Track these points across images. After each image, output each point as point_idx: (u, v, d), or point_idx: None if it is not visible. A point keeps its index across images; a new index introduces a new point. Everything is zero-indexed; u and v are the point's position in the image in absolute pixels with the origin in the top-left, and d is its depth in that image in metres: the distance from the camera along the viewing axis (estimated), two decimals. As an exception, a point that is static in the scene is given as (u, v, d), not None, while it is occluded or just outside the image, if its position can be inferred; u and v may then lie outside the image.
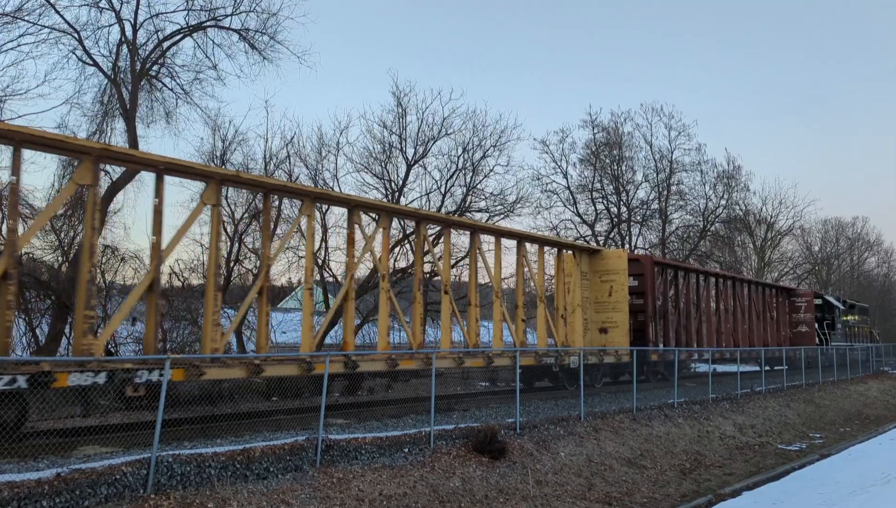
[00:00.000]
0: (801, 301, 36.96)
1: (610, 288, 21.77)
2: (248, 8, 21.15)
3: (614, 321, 21.65)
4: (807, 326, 36.27)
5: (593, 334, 21.77)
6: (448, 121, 27.97)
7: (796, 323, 36.61)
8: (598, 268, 22.03)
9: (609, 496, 11.66)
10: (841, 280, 68.42)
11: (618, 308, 21.70)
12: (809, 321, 36.27)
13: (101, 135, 20.30)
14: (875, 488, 12.53)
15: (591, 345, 21.03)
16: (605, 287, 21.85)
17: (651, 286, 23.67)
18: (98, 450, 9.23)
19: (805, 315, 36.55)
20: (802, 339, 35.83)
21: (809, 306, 36.50)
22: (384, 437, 10.88)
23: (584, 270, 21.71)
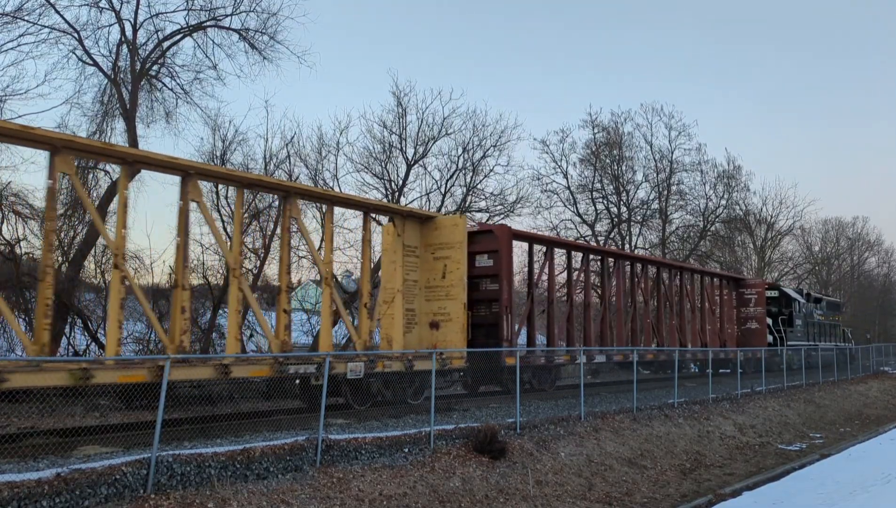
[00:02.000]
0: (751, 293, 31.59)
1: (444, 268, 16.29)
2: (248, 8, 21.19)
3: (447, 312, 16.26)
4: (757, 322, 31.14)
5: (422, 329, 16.48)
6: (448, 121, 28.01)
7: (745, 319, 31.34)
8: (432, 241, 16.58)
9: (609, 496, 11.66)
10: (841, 280, 68.42)
11: (451, 295, 16.19)
12: (760, 316, 31.17)
13: (101, 135, 20.34)
14: (875, 488, 12.53)
15: (420, 344, 16.24)
16: (438, 267, 16.39)
17: (507, 267, 17.88)
18: (98, 450, 9.23)
19: (755, 309, 31.30)
20: (752, 338, 30.84)
21: (760, 298, 31.31)
22: (384, 437, 10.88)
23: (411, 243, 16.38)
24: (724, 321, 29.63)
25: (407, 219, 16.45)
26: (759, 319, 31.14)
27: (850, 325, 65.73)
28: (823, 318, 40.15)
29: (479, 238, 18.10)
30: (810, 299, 38.35)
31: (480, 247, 18.08)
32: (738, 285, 31.73)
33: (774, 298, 33.47)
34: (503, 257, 17.87)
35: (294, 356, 12.61)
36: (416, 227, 16.65)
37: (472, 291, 17.40)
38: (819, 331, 38.61)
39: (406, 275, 16.22)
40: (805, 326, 36.02)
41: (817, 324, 38.61)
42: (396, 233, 16.22)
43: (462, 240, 16.32)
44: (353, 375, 13.25)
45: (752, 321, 31.20)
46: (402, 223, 16.27)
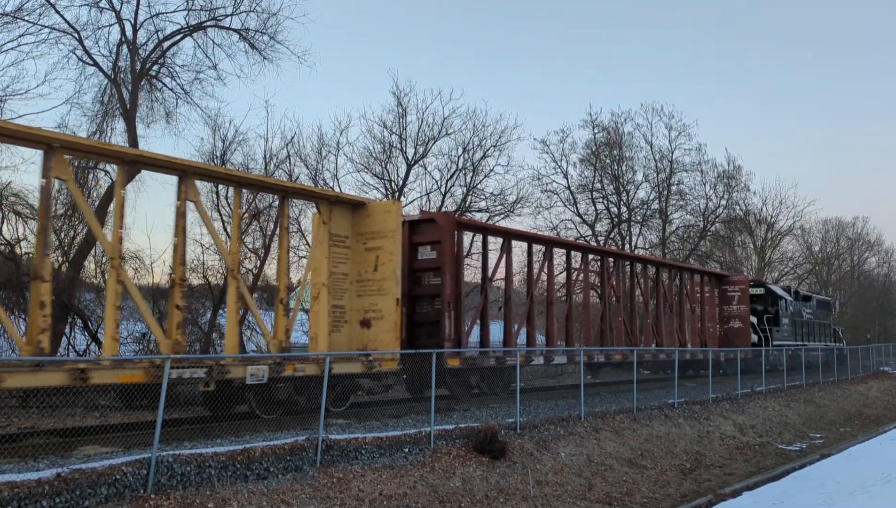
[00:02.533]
0: (734, 290, 29.96)
1: (376, 259, 14.64)
2: (248, 8, 21.21)
3: (379, 308, 14.63)
4: (740, 321, 29.60)
5: (353, 328, 14.83)
6: (448, 121, 28.05)
7: (728, 317, 29.80)
8: (364, 230, 14.98)
9: (609, 496, 11.66)
10: (841, 280, 68.43)
11: (384, 290, 14.56)
12: (743, 314, 29.65)
13: (102, 135, 20.35)
14: (875, 488, 12.53)
15: (350, 344, 14.70)
16: (370, 258, 14.75)
17: (450, 259, 16.30)
18: (98, 450, 9.23)
19: (738, 308, 29.75)
20: (735, 337, 29.29)
21: (744, 295, 29.71)
22: (384, 437, 10.88)
23: (340, 232, 14.81)
24: (705, 319, 28.17)
25: (335, 205, 14.78)
26: (742, 317, 29.67)
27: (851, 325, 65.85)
28: (813, 317, 38.92)
29: (422, 228, 16.67)
30: (799, 298, 37.09)
31: (423, 237, 16.57)
32: (720, 282, 30.26)
33: (760, 295, 32.10)
34: (446, 248, 16.28)
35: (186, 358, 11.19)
36: (346, 214, 14.99)
37: (415, 285, 16.44)
38: (808, 330, 37.44)
39: (333, 268, 14.57)
40: (793, 325, 34.76)
41: (806, 323, 37.35)
42: (322, 221, 14.66)
43: (395, 228, 14.69)
44: (255, 380, 11.56)
45: (735, 319, 29.74)
46: (328, 210, 14.67)
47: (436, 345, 15.37)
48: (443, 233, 16.44)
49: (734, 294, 29.80)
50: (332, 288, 14.62)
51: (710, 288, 29.00)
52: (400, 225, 14.88)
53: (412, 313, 16.43)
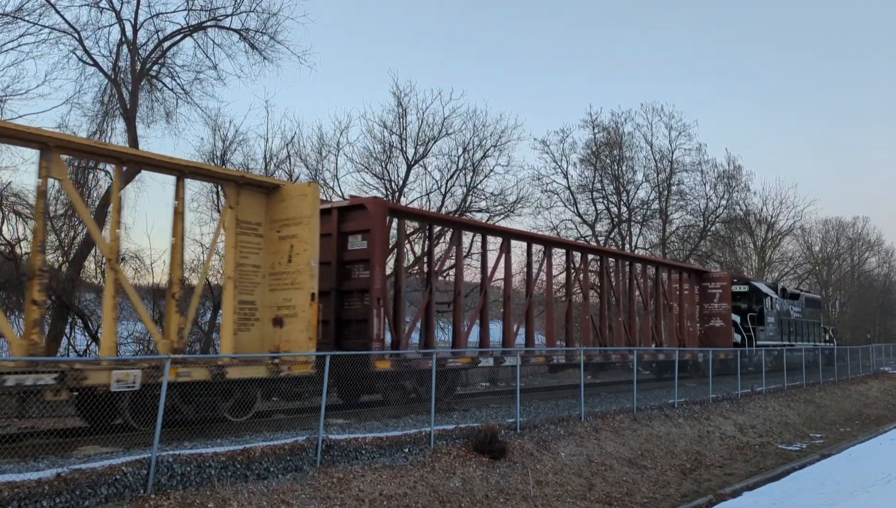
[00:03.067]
0: (716, 287, 28.43)
1: (290, 249, 13.02)
2: (249, 8, 21.20)
3: (292, 304, 12.91)
4: (721, 319, 28.11)
5: (265, 326, 13.09)
6: (448, 121, 28.00)
7: (708, 316, 28.41)
8: (278, 216, 13.30)
9: (609, 496, 11.66)
10: (841, 280, 68.38)
11: (298, 283, 12.89)
12: (725, 313, 28.20)
13: (102, 135, 20.34)
14: (876, 488, 12.53)
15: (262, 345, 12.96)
16: (283, 248, 13.12)
17: (380, 250, 14.82)
18: (98, 450, 9.23)
19: (719, 305, 28.22)
20: (716, 337, 27.92)
21: (725, 293, 28.24)
22: (384, 437, 10.88)
23: (250, 218, 13.14)
24: (683, 318, 26.75)
25: (243, 188, 13.07)
26: (723, 316, 28.21)
27: (851, 325, 65.83)
28: (802, 316, 37.55)
29: (352, 215, 15.18)
30: (786, 295, 35.75)
31: (353, 225, 15.08)
32: (700, 279, 28.74)
33: (744, 293, 30.88)
34: (376, 237, 14.70)
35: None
36: (258, 199, 13.36)
37: (345, 279, 15.09)
38: (796, 330, 36.10)
39: (241, 258, 12.87)
40: (779, 324, 33.47)
41: (795, 322, 36.05)
42: (228, 205, 13.03)
43: (311, 214, 12.95)
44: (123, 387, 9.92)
45: (716, 318, 28.25)
46: (234, 193, 12.96)
47: (362, 346, 14.16)
48: (373, 220, 14.78)
49: (715, 291, 28.35)
50: (240, 282, 12.85)
51: (689, 285, 27.69)
52: (317, 210, 13.18)
53: (341, 310, 14.97)
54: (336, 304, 14.96)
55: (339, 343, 14.70)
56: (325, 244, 14.44)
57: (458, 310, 17.16)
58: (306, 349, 12.54)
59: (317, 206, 13.16)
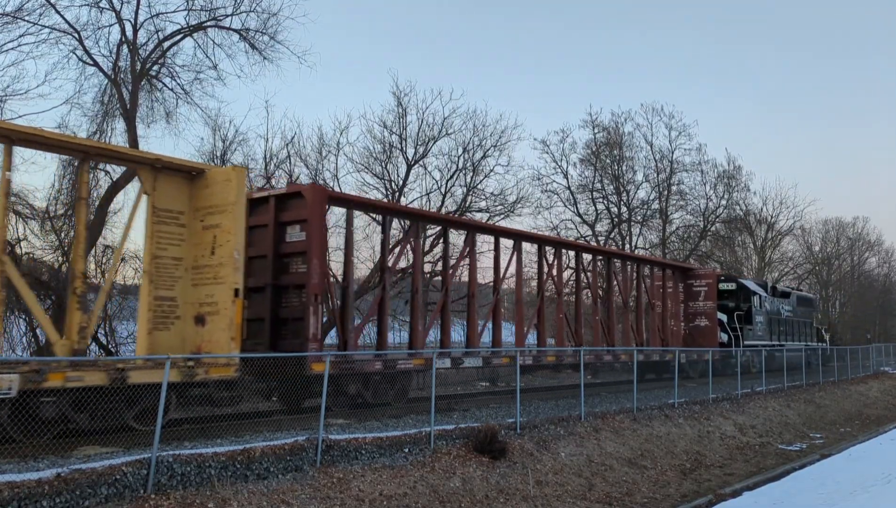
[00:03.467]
0: (701, 285, 27.27)
1: (213, 240, 11.83)
2: (249, 8, 21.20)
3: (215, 301, 11.72)
4: (707, 318, 27.00)
5: (187, 325, 11.87)
6: (448, 121, 27.96)
7: (693, 315, 27.19)
8: (202, 204, 12.09)
9: (609, 496, 11.66)
10: (841, 280, 68.38)
11: (220, 278, 11.70)
12: (710, 311, 27.04)
13: (102, 135, 20.34)
14: (876, 488, 12.53)
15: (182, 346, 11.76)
16: (207, 239, 11.93)
17: (318, 241, 13.73)
18: (98, 450, 9.23)
19: (705, 304, 27.09)
20: (701, 337, 26.79)
21: (711, 290, 27.06)
22: (384, 437, 10.88)
23: (169, 205, 11.96)
24: (666, 316, 25.45)
25: (160, 172, 11.83)
26: (709, 315, 27.04)
27: (851, 325, 65.82)
28: (793, 315, 36.49)
29: (290, 204, 14.09)
30: (777, 293, 34.81)
31: (291, 215, 13.99)
32: (685, 276, 27.64)
33: (731, 291, 29.91)
34: (314, 227, 13.62)
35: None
36: (179, 184, 12.13)
37: (283, 273, 14.02)
38: (787, 329, 35.09)
39: (159, 250, 11.74)
40: (768, 323, 32.39)
41: (785, 321, 35.07)
42: (143, 191, 11.81)
43: (236, 201, 11.79)
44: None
45: (701, 317, 27.11)
46: (151, 178, 11.73)
47: (298, 346, 13.13)
48: (310, 209, 13.67)
49: (700, 289, 27.13)
50: (157, 276, 11.70)
51: (673, 283, 26.54)
52: (242, 197, 12.09)
53: (278, 308, 13.95)
54: (272, 301, 13.92)
55: (274, 344, 13.61)
56: (262, 236, 14.00)
57: (416, 309, 15.99)
58: (227, 351, 11.38)
59: (242, 192, 12.09)
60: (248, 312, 13.04)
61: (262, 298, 13.94)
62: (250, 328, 13.54)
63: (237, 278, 11.76)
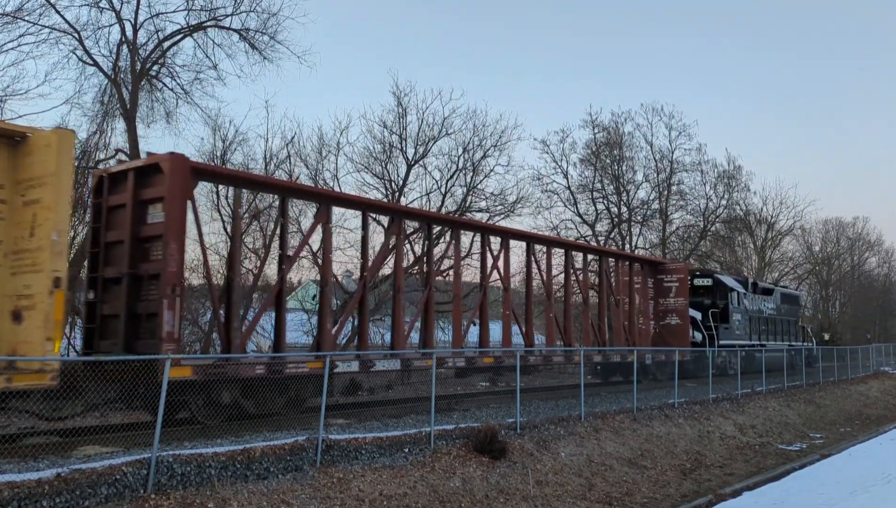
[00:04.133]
0: (671, 280, 25.09)
1: (33, 218, 9.97)
2: (249, 8, 21.23)
3: (31, 293, 9.84)
4: (678, 316, 24.83)
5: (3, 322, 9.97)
6: (448, 121, 27.95)
7: (664, 312, 25.04)
8: (23, 176, 10.13)
9: (609, 496, 11.66)
10: (841, 280, 68.41)
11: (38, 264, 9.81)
12: (682, 308, 24.87)
13: (101, 135, 20.36)
14: (876, 488, 12.53)
15: None
16: (27, 217, 10.03)
17: (176, 223, 11.59)
18: (98, 450, 9.23)
19: (676, 300, 24.88)
20: (671, 336, 24.61)
21: (683, 286, 24.94)
22: (384, 437, 10.89)
23: None
24: (633, 314, 23.45)
25: None
26: (680, 312, 24.83)
27: (851, 325, 65.82)
28: (776, 313, 34.55)
29: (150, 179, 11.89)
30: (757, 290, 32.81)
31: (152, 192, 11.82)
32: (655, 271, 25.35)
33: (707, 287, 28.31)
34: (172, 206, 11.53)
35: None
36: None
37: (141, 261, 11.82)
38: (769, 328, 33.30)
39: None
40: (747, 322, 30.43)
41: (767, 319, 33.19)
42: None
43: (57, 171, 9.84)
44: None
45: (672, 314, 24.86)
46: None
47: (153, 348, 11.11)
48: (169, 184, 11.54)
49: (671, 285, 24.93)
50: None
51: (642, 278, 24.39)
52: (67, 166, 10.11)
53: (135, 302, 11.76)
54: (128, 294, 11.73)
55: (130, 344, 11.64)
56: (121, 218, 12.02)
57: (326, 305, 14.07)
58: (42, 353, 9.44)
59: (67, 160, 10.10)
60: (105, 307, 11.88)
61: (118, 290, 11.87)
62: (108, 325, 11.93)
63: (57, 265, 9.87)
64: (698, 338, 26.42)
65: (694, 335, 26.13)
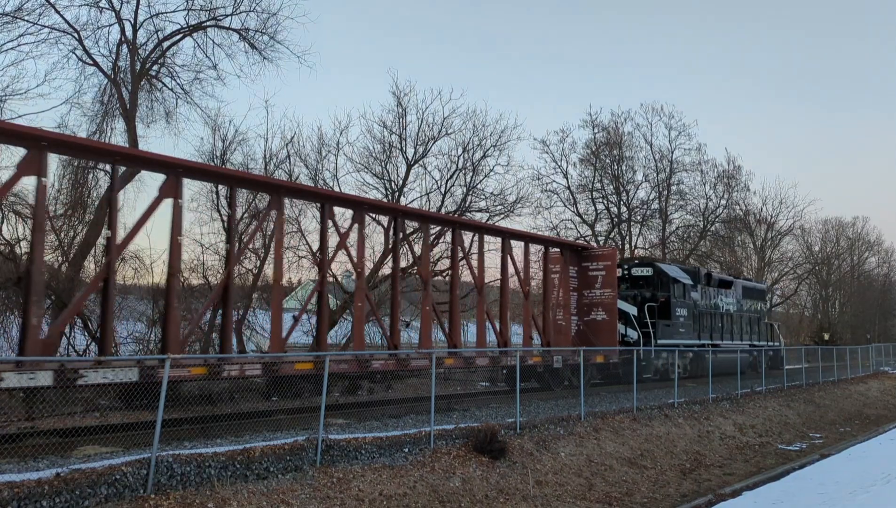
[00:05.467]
0: (597, 268, 21.35)
1: None
2: (248, 8, 21.17)
3: None
4: (605, 311, 21.08)
5: None
6: (448, 121, 27.90)
7: (589, 306, 21.30)
8: None
9: (609, 496, 11.66)
10: (841, 280, 68.41)
11: None
12: (609, 302, 21.04)
13: (101, 135, 20.32)
14: (876, 487, 12.52)
15: None
16: None
17: None
18: (98, 450, 9.23)
19: (602, 292, 21.16)
20: (596, 334, 20.95)
21: (610, 275, 21.17)
22: (384, 437, 10.88)
23: None
24: (548, 308, 19.93)
25: None
26: (607, 306, 21.11)
27: (851, 325, 65.80)
28: (736, 308, 30.79)
29: None
30: (712, 282, 28.85)
31: None
32: (579, 257, 21.71)
33: (646, 278, 24.76)
34: None
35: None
36: None
37: None
38: (726, 326, 29.32)
39: None
40: (696, 318, 26.37)
41: (725, 316, 29.35)
42: None
43: None
44: None
45: (597, 309, 21.19)
46: None
47: None
48: None
49: (597, 274, 21.26)
50: None
51: (561, 266, 20.93)
52: None
53: None
54: None
55: None
56: None
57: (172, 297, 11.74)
58: None
59: None
60: None
61: None
62: None
63: None
64: (633, 337, 23.08)
65: (627, 332, 23.12)
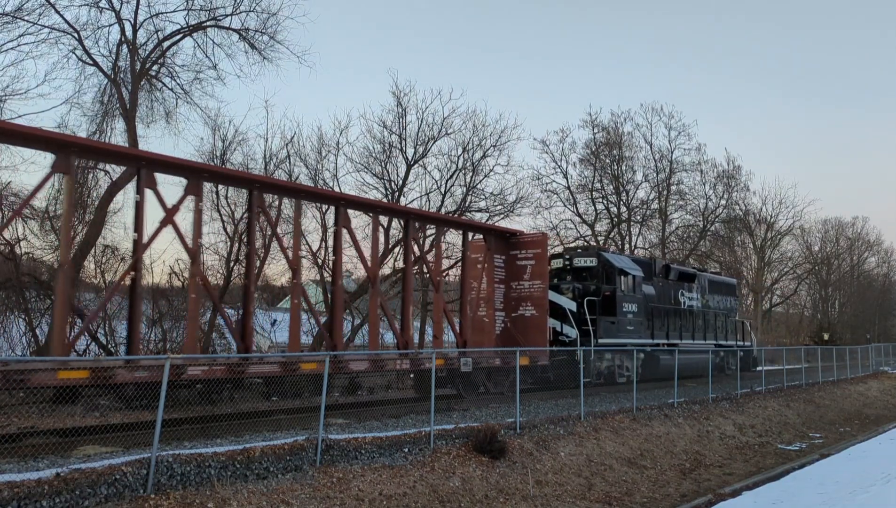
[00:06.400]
0: (527, 256, 18.73)
1: None
2: (248, 8, 21.19)
3: None
4: (534, 306, 18.51)
5: None
6: (448, 121, 27.92)
7: (517, 300, 18.70)
8: None
9: (609, 496, 11.67)
10: (841, 280, 68.45)
11: None
12: (538, 295, 18.53)
13: (101, 134, 20.33)
14: (876, 487, 12.52)
15: None
16: None
17: None
18: (98, 450, 9.23)
19: (532, 285, 18.60)
20: (523, 332, 18.42)
21: (540, 264, 18.66)
22: (384, 437, 10.89)
23: None
24: (466, 303, 17.63)
25: None
26: (536, 300, 18.52)
27: (851, 325, 65.82)
28: (701, 304, 27.54)
29: None
30: (670, 274, 25.80)
31: None
32: (506, 245, 18.96)
33: (589, 268, 21.80)
34: None
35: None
36: None
37: None
38: (688, 323, 26.10)
39: None
40: (648, 314, 23.25)
41: (684, 313, 26.07)
42: None
43: None
44: None
45: (526, 303, 18.62)
46: None
47: None
48: None
49: (526, 263, 18.65)
50: None
51: (485, 254, 18.28)
52: None
53: None
54: None
55: None
56: None
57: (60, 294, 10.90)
58: None
59: None
60: None
61: None
62: None
63: None
64: (571, 335, 20.15)
65: (564, 330, 20.32)
